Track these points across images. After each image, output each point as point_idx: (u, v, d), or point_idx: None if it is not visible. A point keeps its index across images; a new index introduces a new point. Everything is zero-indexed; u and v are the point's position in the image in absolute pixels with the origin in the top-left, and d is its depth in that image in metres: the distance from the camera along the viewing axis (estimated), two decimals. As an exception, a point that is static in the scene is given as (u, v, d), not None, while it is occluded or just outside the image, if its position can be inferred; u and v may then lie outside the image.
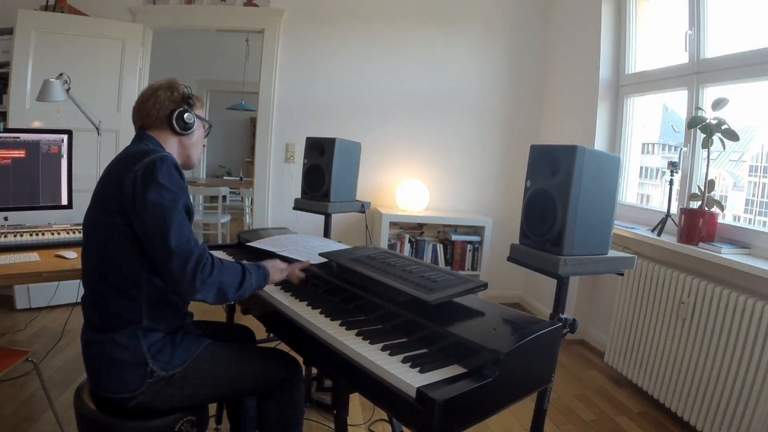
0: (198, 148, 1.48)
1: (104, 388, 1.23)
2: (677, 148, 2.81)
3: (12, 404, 2.07)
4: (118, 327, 1.22)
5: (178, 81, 1.44)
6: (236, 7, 3.53)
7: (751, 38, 2.24)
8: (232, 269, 1.26)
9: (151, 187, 1.18)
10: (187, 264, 1.15)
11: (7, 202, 2.09)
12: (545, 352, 1.18)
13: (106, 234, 1.23)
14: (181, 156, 1.44)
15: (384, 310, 1.30)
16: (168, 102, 1.38)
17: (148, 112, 1.38)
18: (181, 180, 1.25)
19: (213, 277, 1.19)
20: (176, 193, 1.21)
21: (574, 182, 1.25)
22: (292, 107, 3.64)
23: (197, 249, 1.18)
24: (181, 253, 1.15)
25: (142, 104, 1.40)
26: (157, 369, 1.22)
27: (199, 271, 1.16)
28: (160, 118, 1.38)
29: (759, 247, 2.08)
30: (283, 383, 1.42)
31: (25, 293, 3.15)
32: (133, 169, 1.21)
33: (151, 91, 1.40)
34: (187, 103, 1.40)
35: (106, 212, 1.23)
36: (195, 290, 1.16)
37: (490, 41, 3.76)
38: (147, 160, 1.22)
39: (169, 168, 1.23)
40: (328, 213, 2.14)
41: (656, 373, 2.34)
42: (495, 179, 3.90)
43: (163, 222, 1.16)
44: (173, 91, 1.40)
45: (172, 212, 1.17)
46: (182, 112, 1.38)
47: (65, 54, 3.13)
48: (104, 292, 1.24)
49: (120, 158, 1.30)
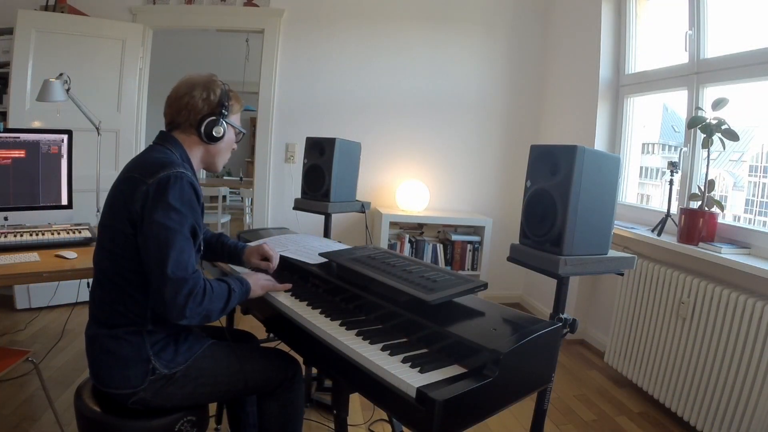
0: (226, 154, 1.44)
1: (106, 383, 1.23)
2: (677, 148, 2.81)
3: (12, 404, 2.07)
4: (123, 325, 1.23)
5: (216, 79, 1.37)
6: (236, 7, 3.53)
7: (751, 38, 2.24)
8: (219, 294, 1.23)
9: (160, 206, 1.16)
10: (179, 293, 1.13)
11: (7, 202, 2.09)
12: (545, 352, 1.18)
13: (116, 239, 1.22)
14: (205, 161, 1.41)
15: (384, 310, 1.30)
16: (202, 105, 1.32)
17: (179, 110, 1.33)
18: (195, 199, 1.22)
19: (202, 307, 1.17)
20: (184, 215, 1.18)
21: (574, 182, 1.25)
22: (292, 107, 3.65)
23: (192, 277, 1.15)
24: (175, 280, 1.12)
25: (175, 100, 1.34)
26: (160, 366, 1.23)
27: (190, 300, 1.14)
28: (190, 122, 1.33)
29: (759, 247, 2.08)
30: (284, 382, 1.43)
31: (25, 293, 3.15)
32: (147, 181, 1.18)
33: (188, 88, 1.33)
34: (221, 109, 1.34)
35: (117, 217, 1.21)
36: (183, 317, 1.15)
37: (490, 41, 3.76)
38: (162, 175, 1.19)
39: (182, 187, 1.19)
40: (328, 213, 2.14)
41: (656, 373, 2.34)
42: (495, 179, 3.90)
43: (165, 245, 1.14)
44: (210, 93, 1.33)
45: (175, 236, 1.15)
46: (213, 122, 1.33)
47: (65, 54, 3.13)
48: (112, 292, 1.24)
49: (138, 164, 1.27)
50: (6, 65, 3.07)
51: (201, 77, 1.36)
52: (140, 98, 3.48)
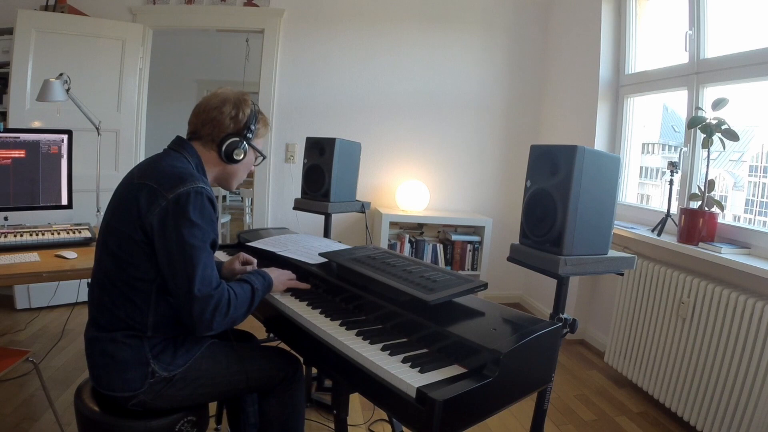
0: (241, 175, 1.43)
1: (105, 386, 1.23)
2: (677, 148, 2.81)
3: (12, 404, 2.07)
4: (122, 329, 1.22)
5: (248, 99, 1.37)
6: (236, 7, 3.53)
7: (751, 38, 2.25)
8: (243, 299, 1.26)
9: (183, 223, 1.16)
10: (205, 310, 1.15)
11: (7, 202, 2.09)
12: (545, 352, 1.18)
13: (123, 244, 1.20)
14: (220, 179, 1.41)
15: (384, 310, 1.30)
16: (228, 123, 1.32)
17: (204, 123, 1.32)
18: (213, 213, 1.23)
19: (228, 317, 1.20)
20: (206, 231, 1.19)
21: (574, 182, 1.26)
22: (292, 107, 3.64)
23: (216, 293, 1.17)
24: (202, 298, 1.14)
25: (203, 112, 1.33)
26: (159, 369, 1.23)
27: (216, 314, 1.17)
28: (213, 138, 1.33)
29: (759, 247, 2.08)
30: (284, 380, 1.43)
31: (25, 293, 3.15)
32: (166, 196, 1.17)
33: (218, 102, 1.32)
34: (246, 132, 1.33)
35: (128, 223, 1.20)
36: (210, 330, 1.18)
37: (490, 41, 3.76)
38: (181, 190, 1.18)
39: (202, 202, 1.19)
40: (328, 213, 2.14)
41: (656, 373, 2.34)
42: (495, 179, 3.90)
43: (191, 264, 1.14)
44: (240, 112, 1.33)
45: (200, 254, 1.16)
46: (234, 144, 1.32)
47: (65, 54, 3.13)
48: (113, 296, 1.23)
49: (153, 172, 1.24)
50: (6, 65, 3.07)
51: (234, 93, 1.35)
52: (140, 98, 3.48)
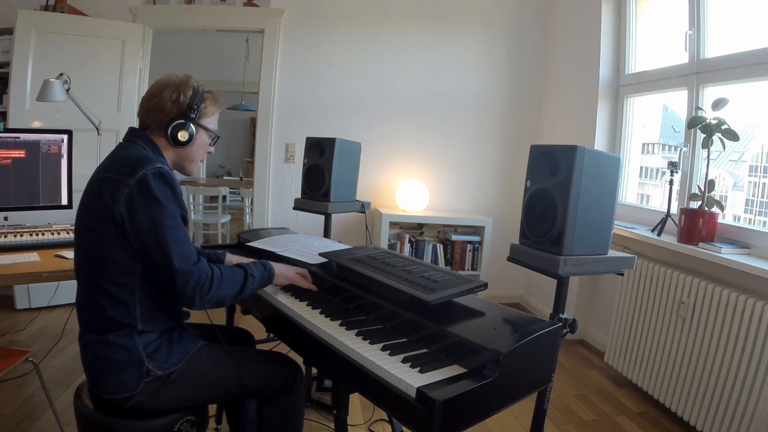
0: (196, 157, 1.41)
1: (102, 389, 1.22)
2: (677, 148, 2.81)
3: (12, 404, 2.07)
4: (113, 329, 1.21)
5: (190, 80, 1.35)
6: (236, 7, 3.53)
7: (751, 38, 2.24)
8: (232, 280, 1.28)
9: (148, 203, 1.16)
10: (187, 285, 1.17)
11: (7, 202, 2.09)
12: (545, 352, 1.18)
13: (98, 240, 1.20)
14: (176, 164, 1.39)
15: (384, 310, 1.30)
16: (170, 107, 1.30)
17: (148, 112, 1.33)
18: (176, 189, 1.23)
19: (211, 294, 1.21)
20: (172, 208, 1.20)
21: (574, 182, 1.25)
22: (292, 107, 3.64)
23: (196, 268, 1.19)
24: (182, 273, 1.17)
25: (146, 100, 1.34)
26: (154, 368, 1.22)
27: (198, 290, 1.19)
28: (159, 124, 1.32)
29: (759, 247, 2.08)
30: (284, 387, 1.41)
31: (25, 293, 3.15)
32: (127, 183, 1.17)
33: (158, 89, 1.32)
34: (190, 112, 1.32)
35: (98, 218, 1.19)
36: (193, 305, 1.21)
37: (490, 41, 3.76)
38: (140, 174, 1.18)
39: (164, 180, 1.20)
40: (328, 213, 2.13)
41: (656, 373, 2.34)
42: (495, 179, 3.90)
43: (165, 242, 1.16)
44: (180, 94, 1.31)
45: (172, 232, 1.17)
46: (179, 126, 1.31)
47: (65, 54, 3.13)
48: (97, 297, 1.22)
49: (112, 163, 1.25)
50: (6, 65, 3.08)
51: (175, 77, 1.34)
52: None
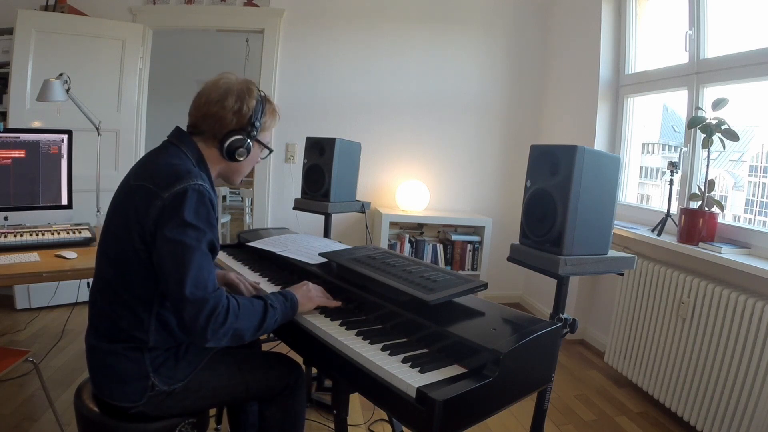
0: (245, 170, 1.34)
1: (106, 395, 1.21)
2: (677, 148, 2.81)
3: (12, 404, 2.07)
4: (123, 340, 1.19)
5: (253, 89, 1.26)
6: (236, 7, 3.53)
7: (751, 38, 2.24)
8: (251, 312, 1.16)
9: (175, 222, 1.09)
10: (200, 314, 1.06)
11: (7, 202, 2.09)
12: (545, 352, 1.18)
13: (123, 252, 1.16)
14: (223, 175, 1.33)
15: (384, 310, 1.30)
16: (230, 118, 1.22)
17: (205, 117, 1.23)
18: (212, 213, 1.15)
19: (226, 326, 1.09)
20: (202, 231, 1.11)
21: (574, 182, 1.25)
22: (292, 107, 3.64)
23: (213, 296, 1.08)
24: (194, 301, 1.06)
25: (204, 104, 1.23)
26: (159, 383, 1.20)
27: (212, 321, 1.06)
28: (215, 134, 1.23)
29: (759, 247, 2.08)
30: (285, 389, 1.41)
31: (25, 293, 3.15)
32: (162, 196, 1.11)
33: (220, 95, 1.22)
34: (250, 129, 1.24)
35: (127, 229, 1.14)
36: (206, 339, 1.08)
37: (490, 41, 3.76)
38: (178, 188, 1.11)
39: (201, 201, 1.12)
40: (328, 213, 2.14)
41: (656, 373, 2.34)
42: (495, 179, 3.90)
43: (182, 264, 1.07)
44: (243, 105, 1.22)
45: (193, 254, 1.08)
46: (238, 142, 1.23)
47: (65, 54, 3.13)
48: (113, 305, 1.19)
49: (150, 172, 1.17)
50: (6, 65, 3.07)
51: (237, 82, 1.25)
52: (140, 98, 3.48)
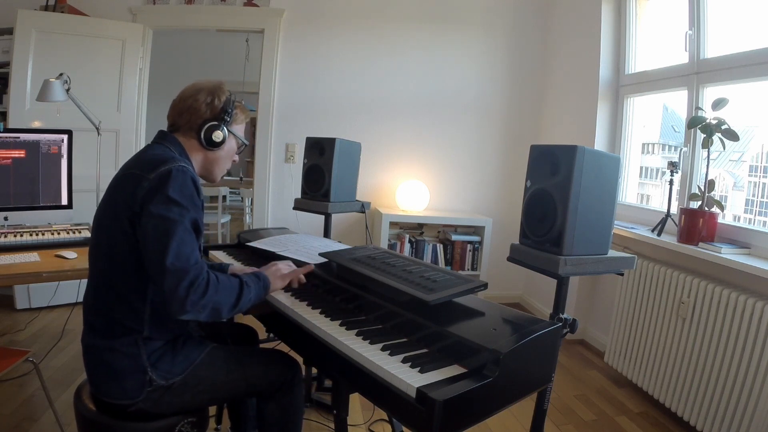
0: (224, 163, 1.42)
1: (104, 394, 1.22)
2: (677, 148, 2.81)
3: (12, 404, 2.07)
4: (119, 334, 1.20)
5: (224, 87, 1.38)
6: (236, 7, 3.53)
7: (751, 38, 2.24)
8: (229, 287, 1.21)
9: (159, 198, 1.14)
10: (179, 284, 1.09)
11: (7, 202, 2.09)
12: (545, 352, 1.18)
13: (114, 239, 1.19)
14: (203, 168, 1.40)
15: (384, 310, 1.30)
16: (204, 109, 1.32)
17: (182, 112, 1.33)
18: (196, 195, 1.20)
19: (206, 298, 1.12)
20: (185, 208, 1.16)
21: (574, 182, 1.25)
22: (292, 107, 3.64)
23: (194, 268, 1.12)
24: (174, 271, 1.09)
25: (179, 102, 1.35)
26: (157, 378, 1.21)
27: (191, 292, 1.10)
28: (191, 125, 1.33)
29: (759, 247, 2.08)
30: (283, 385, 1.42)
31: (25, 293, 3.15)
32: (148, 177, 1.16)
33: (193, 91, 1.34)
34: (223, 116, 1.34)
35: (116, 217, 1.18)
36: (185, 311, 1.10)
37: (490, 41, 3.76)
38: (163, 168, 1.17)
39: (184, 180, 1.18)
40: (328, 213, 2.13)
41: (656, 373, 2.34)
42: (495, 179, 3.90)
43: (165, 236, 1.10)
44: (214, 98, 1.34)
45: (176, 227, 1.12)
46: (213, 128, 1.33)
47: (65, 54, 3.13)
48: (108, 297, 1.21)
49: (136, 161, 1.24)
50: (6, 65, 3.07)
51: (209, 82, 1.36)
52: (140, 98, 3.48)
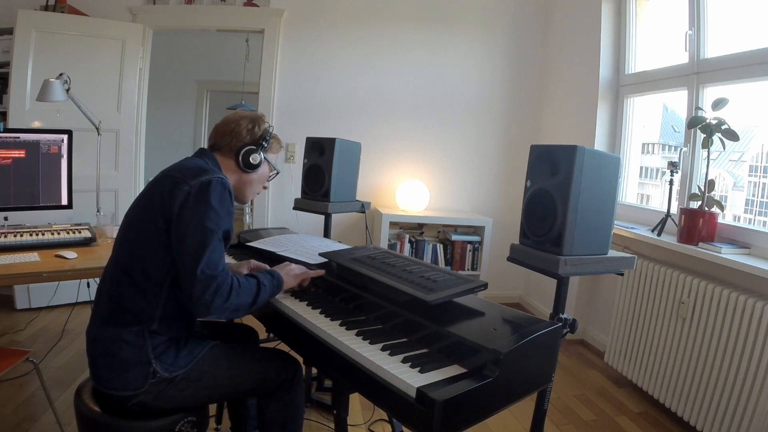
0: (254, 187, 1.52)
1: (106, 385, 1.23)
2: (677, 148, 2.81)
3: (12, 404, 2.07)
4: (127, 324, 1.23)
5: (264, 118, 1.51)
6: (236, 7, 3.53)
7: (751, 38, 2.24)
8: (248, 289, 1.28)
9: (202, 205, 1.22)
10: (207, 290, 1.17)
11: (7, 202, 2.09)
12: (545, 352, 1.18)
13: (143, 232, 1.25)
14: (235, 189, 1.47)
15: (384, 310, 1.30)
16: (245, 134, 1.44)
17: (224, 135, 1.44)
18: (231, 206, 1.29)
19: (229, 302, 1.21)
20: (222, 218, 1.24)
21: (574, 182, 1.26)
22: (292, 107, 3.64)
23: (221, 275, 1.20)
24: (204, 279, 1.17)
25: (222, 125, 1.46)
26: (160, 370, 1.23)
27: (216, 297, 1.18)
28: (231, 147, 1.44)
29: (759, 247, 2.08)
30: (284, 383, 1.43)
31: (25, 293, 3.15)
32: (189, 182, 1.24)
33: (236, 117, 1.47)
34: (261, 143, 1.46)
35: (149, 211, 1.25)
36: (209, 313, 1.20)
37: (490, 41, 3.76)
38: (204, 178, 1.25)
39: (223, 191, 1.26)
40: (328, 213, 2.14)
41: (656, 373, 2.34)
42: (495, 179, 3.90)
43: (202, 245, 1.19)
44: (255, 126, 1.46)
45: (212, 237, 1.21)
46: (250, 151, 1.44)
47: (65, 54, 3.13)
48: (124, 285, 1.25)
49: (178, 168, 1.33)
50: (6, 65, 3.07)
51: (251, 112, 1.51)
52: (140, 98, 3.48)
